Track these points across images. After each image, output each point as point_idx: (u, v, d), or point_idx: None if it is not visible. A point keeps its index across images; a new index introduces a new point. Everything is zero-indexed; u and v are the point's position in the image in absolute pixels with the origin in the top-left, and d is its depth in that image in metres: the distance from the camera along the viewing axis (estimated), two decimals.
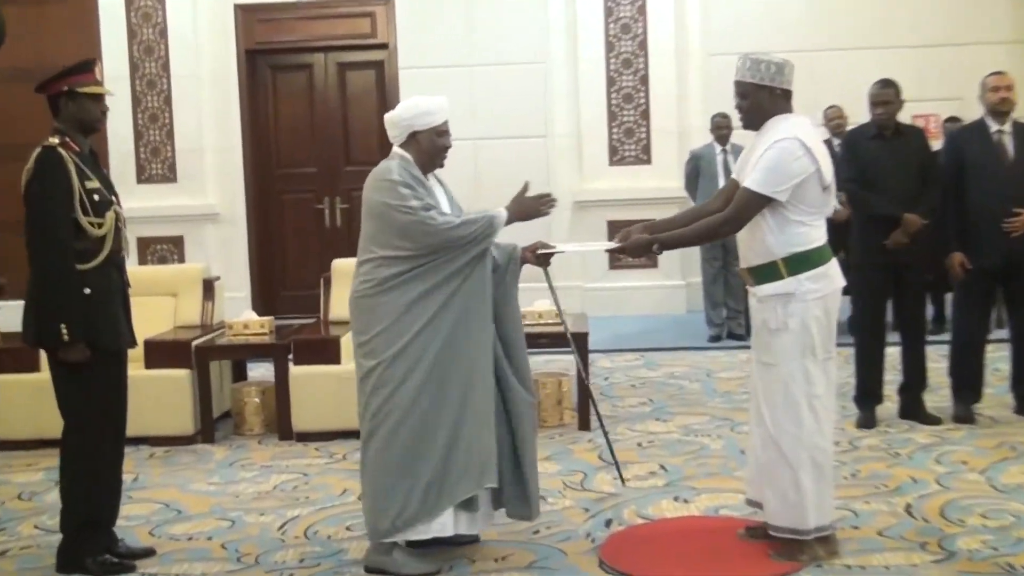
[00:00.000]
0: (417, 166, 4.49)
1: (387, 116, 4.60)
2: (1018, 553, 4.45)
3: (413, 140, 4.52)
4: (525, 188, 4.86)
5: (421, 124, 4.50)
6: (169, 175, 11.09)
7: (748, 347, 8.89)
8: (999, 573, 4.28)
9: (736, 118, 4.93)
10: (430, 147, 4.53)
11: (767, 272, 4.40)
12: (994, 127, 6.49)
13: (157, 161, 11.07)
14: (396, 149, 4.54)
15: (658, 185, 10.85)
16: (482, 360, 4.44)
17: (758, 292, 4.45)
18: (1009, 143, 6.46)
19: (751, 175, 4.33)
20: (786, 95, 4.49)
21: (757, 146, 4.46)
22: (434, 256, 4.35)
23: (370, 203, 4.44)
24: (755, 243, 4.41)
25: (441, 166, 4.63)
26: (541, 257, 4.90)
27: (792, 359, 4.34)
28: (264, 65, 11.44)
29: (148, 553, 4.80)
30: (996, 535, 4.68)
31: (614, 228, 10.77)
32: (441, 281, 4.37)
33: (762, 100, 4.47)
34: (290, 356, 6.79)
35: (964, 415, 6.58)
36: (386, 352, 4.33)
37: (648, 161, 11.02)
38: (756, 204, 4.32)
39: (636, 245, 4.55)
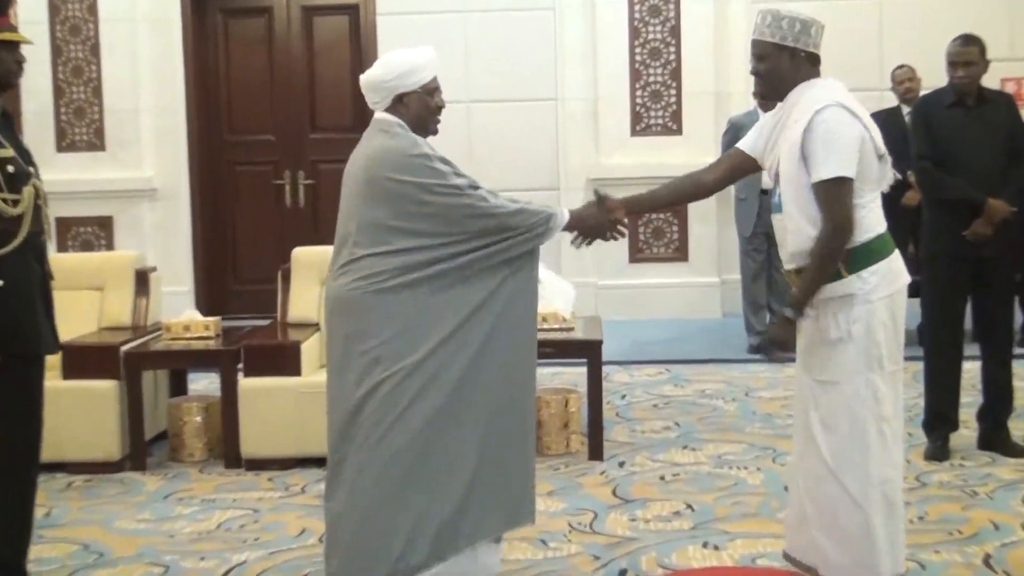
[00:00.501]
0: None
1: (364, 78, 4.59)
2: None
3: (400, 104, 4.51)
4: (599, 199, 4.89)
5: (408, 84, 4.50)
6: (96, 142, 11.12)
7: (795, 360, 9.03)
8: None
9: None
10: (421, 110, 4.53)
11: None
12: None
13: (81, 124, 11.09)
14: (383, 115, 4.52)
15: (690, 161, 10.68)
16: (522, 377, 4.49)
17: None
18: None
19: (816, 166, 4.30)
20: (812, 60, 4.52)
21: (785, 122, 4.48)
22: (473, 248, 4.33)
23: (382, 184, 4.37)
24: (802, 237, 4.40)
25: (435, 132, 4.62)
26: None
27: (857, 374, 4.35)
28: (214, 7, 11.47)
29: None
30: None
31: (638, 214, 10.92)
32: (476, 278, 4.35)
33: (783, 64, 4.50)
34: (240, 366, 6.80)
35: None
36: (398, 363, 4.26)
37: (679, 131, 11.11)
38: (847, 192, 4.31)
39: (780, 339, 4.59)
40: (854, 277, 4.34)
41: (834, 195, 4.30)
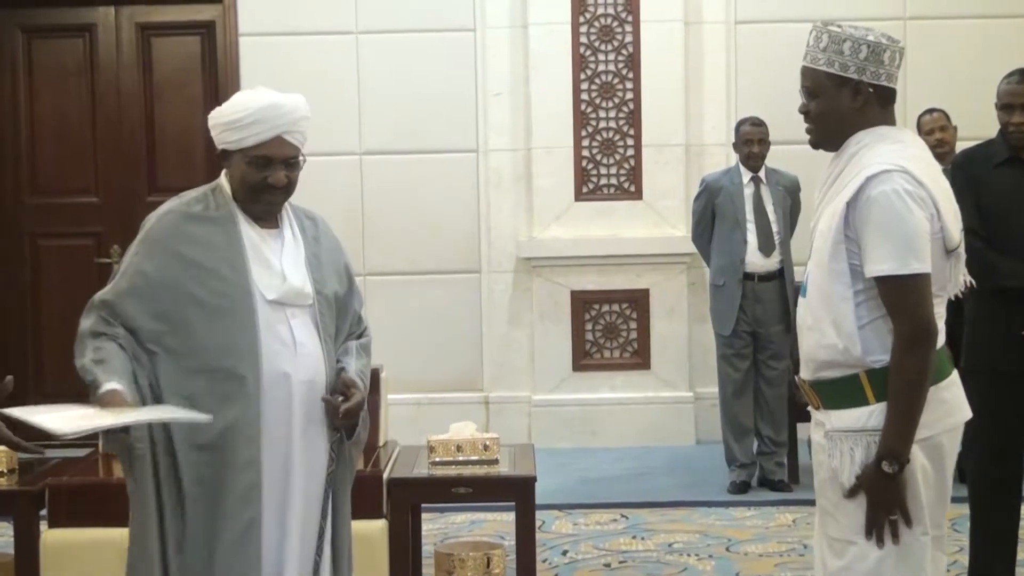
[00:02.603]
0: (237, 202, 4.66)
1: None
2: None
3: (225, 161, 4.66)
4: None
5: (226, 141, 4.60)
6: None
7: (791, 503, 9.11)
8: None
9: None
10: (240, 179, 4.63)
11: (842, 390, 4.35)
12: None
13: None
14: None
15: (652, 234, 11.08)
16: None
17: (827, 421, 4.41)
18: None
19: (877, 258, 4.23)
20: (883, 97, 4.47)
21: (840, 185, 4.43)
22: None
23: None
24: (821, 340, 4.38)
25: (276, 212, 4.76)
26: None
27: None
28: (10, 24, 11.51)
29: None
30: None
31: (580, 303, 11.02)
32: None
33: (842, 103, 4.44)
34: (43, 512, 6.75)
35: None
36: None
37: (637, 194, 11.22)
38: (925, 287, 4.24)
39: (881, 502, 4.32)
40: (883, 406, 4.27)
41: (905, 294, 4.25)
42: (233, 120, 4.55)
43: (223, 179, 4.67)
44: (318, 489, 4.74)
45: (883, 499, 4.24)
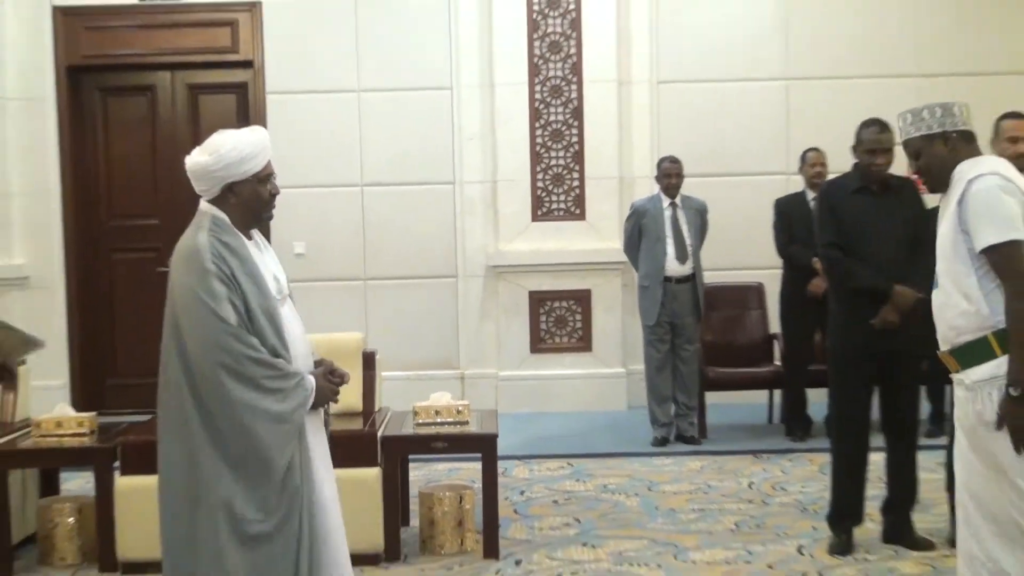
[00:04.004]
0: (235, 226, 4.44)
1: (190, 165, 4.45)
2: None
3: (229, 193, 4.42)
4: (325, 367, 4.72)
5: (238, 174, 4.41)
6: None
7: (700, 453, 9.19)
8: None
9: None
10: (252, 200, 4.47)
11: (977, 351, 4.47)
12: None
13: None
14: (206, 207, 4.45)
15: (592, 246, 11.10)
16: None
17: (966, 378, 4.51)
18: None
19: (982, 235, 4.39)
20: (965, 137, 4.68)
21: (948, 200, 4.60)
22: None
23: (172, 277, 4.45)
24: (955, 312, 4.51)
25: (269, 219, 4.58)
26: None
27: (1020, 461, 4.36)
28: (91, 86, 11.50)
29: None
30: None
31: (537, 301, 11.04)
32: None
33: (937, 152, 4.66)
34: (116, 464, 6.77)
35: None
36: None
37: (581, 216, 11.20)
38: (1021, 249, 4.39)
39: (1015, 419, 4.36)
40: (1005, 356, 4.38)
41: (1010, 258, 4.38)
42: (246, 155, 4.36)
43: (216, 211, 4.40)
44: (324, 437, 4.66)
45: (1020, 421, 4.31)
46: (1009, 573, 4.42)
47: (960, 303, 4.47)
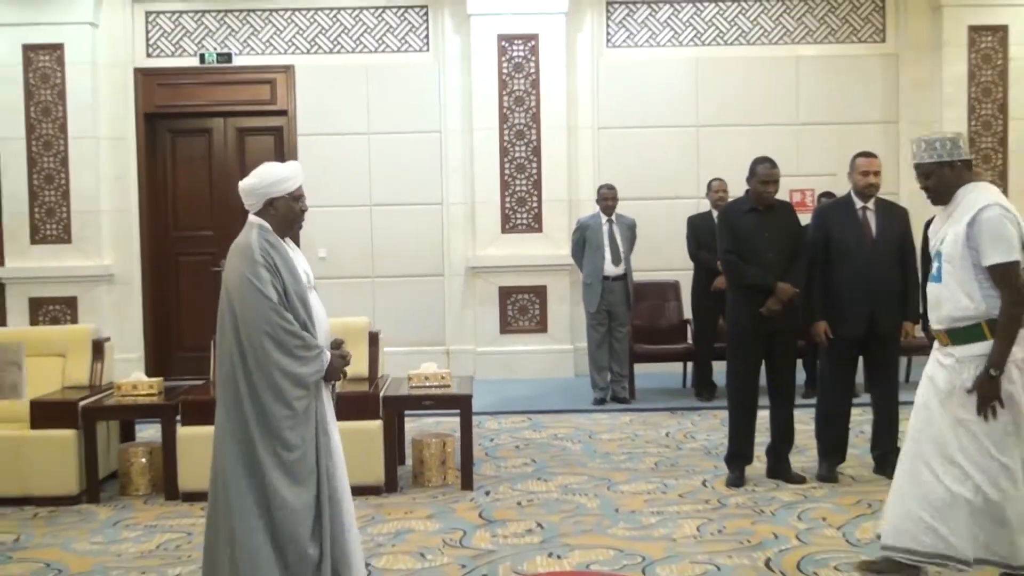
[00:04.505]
0: (275, 232, 4.53)
1: (242, 185, 4.58)
2: None
3: (270, 207, 4.53)
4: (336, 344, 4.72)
5: (277, 191, 4.52)
6: (64, 236, 10.93)
7: (629, 410, 9.18)
8: None
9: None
10: (287, 212, 4.56)
11: (970, 334, 4.60)
12: (859, 204, 6.74)
13: (52, 222, 10.90)
14: (253, 217, 4.55)
15: (548, 253, 11.02)
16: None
17: (957, 352, 4.62)
18: (872, 220, 6.72)
19: (989, 255, 4.52)
20: (967, 165, 4.74)
21: (956, 218, 4.64)
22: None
23: (230, 270, 4.53)
24: (958, 305, 4.60)
25: (300, 228, 4.68)
26: None
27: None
28: (163, 128, 11.42)
29: None
30: None
31: (505, 294, 11.02)
32: None
33: (945, 175, 4.70)
34: (178, 417, 6.78)
35: (827, 475, 6.79)
36: None
37: (539, 229, 11.13)
38: (1017, 269, 4.55)
39: (989, 393, 4.54)
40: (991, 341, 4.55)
41: (1009, 275, 4.52)
42: (283, 177, 4.51)
43: (261, 221, 4.52)
44: (331, 403, 4.67)
45: (989, 393, 4.53)
46: (957, 491, 4.56)
47: (962, 299, 4.58)
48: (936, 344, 4.77)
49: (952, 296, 4.60)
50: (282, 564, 4.37)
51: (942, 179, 4.72)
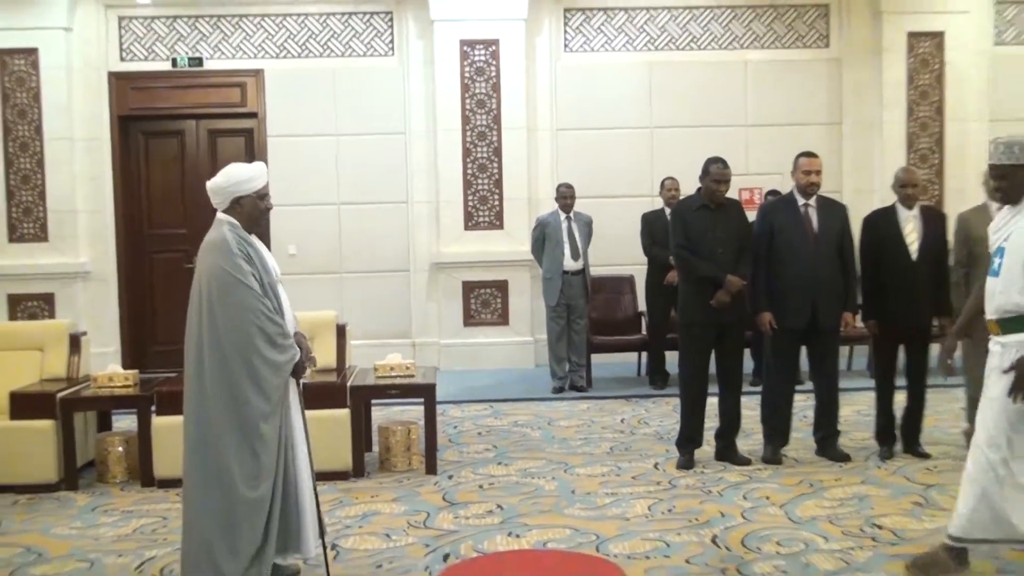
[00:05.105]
0: (243, 228, 4.60)
1: (209, 184, 4.66)
2: None
3: (237, 205, 4.61)
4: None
5: (244, 190, 4.60)
6: (40, 234, 10.89)
7: (587, 398, 9.26)
8: None
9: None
10: (253, 210, 4.63)
11: (1017, 323, 4.59)
12: (801, 202, 6.86)
13: (29, 221, 10.86)
14: (221, 215, 4.62)
15: (509, 249, 11.08)
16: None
17: (1004, 340, 4.62)
18: (814, 216, 6.82)
19: None
20: None
21: (1019, 215, 4.64)
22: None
23: (204, 263, 4.60)
24: (1010, 299, 4.59)
25: (266, 226, 4.77)
26: None
27: None
28: (136, 130, 11.37)
29: None
30: (787, 560, 5.02)
31: (468, 289, 11.07)
32: None
33: (1019, 177, 4.65)
34: (153, 407, 6.79)
35: (771, 457, 6.91)
36: None
37: (500, 227, 11.17)
38: None
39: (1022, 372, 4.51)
40: None
41: None
42: (249, 177, 4.60)
43: (231, 218, 4.60)
44: (298, 392, 4.77)
45: None
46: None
47: (1014, 294, 4.55)
48: (991, 336, 4.78)
49: (1006, 290, 4.60)
50: (231, 549, 4.48)
51: (1016, 180, 4.68)
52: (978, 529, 4.62)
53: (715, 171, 6.84)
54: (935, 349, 6.47)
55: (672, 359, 9.23)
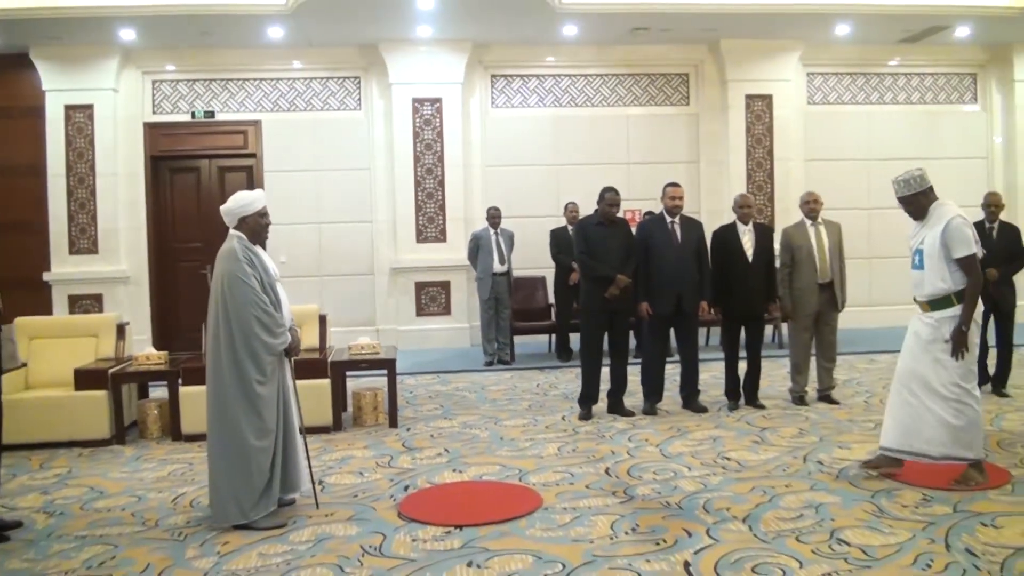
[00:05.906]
0: (248, 240, 4.58)
1: (222, 208, 4.63)
2: (674, 495, 4.90)
3: (243, 223, 4.60)
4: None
5: (248, 211, 4.60)
6: (92, 248, 10.70)
7: (511, 369, 9.30)
8: (660, 508, 4.69)
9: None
10: (255, 226, 4.62)
11: (943, 303, 4.78)
12: (669, 219, 6.95)
13: (83, 238, 10.69)
14: (233, 231, 4.61)
15: (450, 257, 11.07)
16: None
17: (935, 316, 4.80)
18: (678, 231, 6.92)
19: (958, 250, 4.70)
20: (931, 189, 4.86)
21: (931, 226, 4.79)
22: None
23: (219, 268, 4.57)
24: (936, 287, 4.77)
25: (266, 238, 4.72)
26: None
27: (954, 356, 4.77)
28: (164, 167, 11.19)
29: (16, 525, 4.67)
30: (661, 485, 5.13)
31: (419, 287, 11.04)
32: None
33: (920, 201, 4.83)
34: (180, 379, 6.74)
35: (649, 410, 7.00)
36: None
37: (444, 240, 11.12)
38: (976, 260, 4.73)
39: (962, 342, 4.73)
40: (958, 307, 4.74)
41: (973, 263, 4.72)
42: (251, 200, 4.61)
43: (240, 233, 4.59)
44: (290, 367, 4.76)
45: (961, 342, 4.73)
46: (933, 408, 4.81)
47: (937, 281, 4.75)
48: (919, 311, 4.96)
49: (931, 279, 4.80)
50: (246, 484, 4.50)
51: (919, 203, 4.86)
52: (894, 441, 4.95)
53: (609, 196, 6.86)
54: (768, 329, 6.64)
55: (575, 338, 9.36)
